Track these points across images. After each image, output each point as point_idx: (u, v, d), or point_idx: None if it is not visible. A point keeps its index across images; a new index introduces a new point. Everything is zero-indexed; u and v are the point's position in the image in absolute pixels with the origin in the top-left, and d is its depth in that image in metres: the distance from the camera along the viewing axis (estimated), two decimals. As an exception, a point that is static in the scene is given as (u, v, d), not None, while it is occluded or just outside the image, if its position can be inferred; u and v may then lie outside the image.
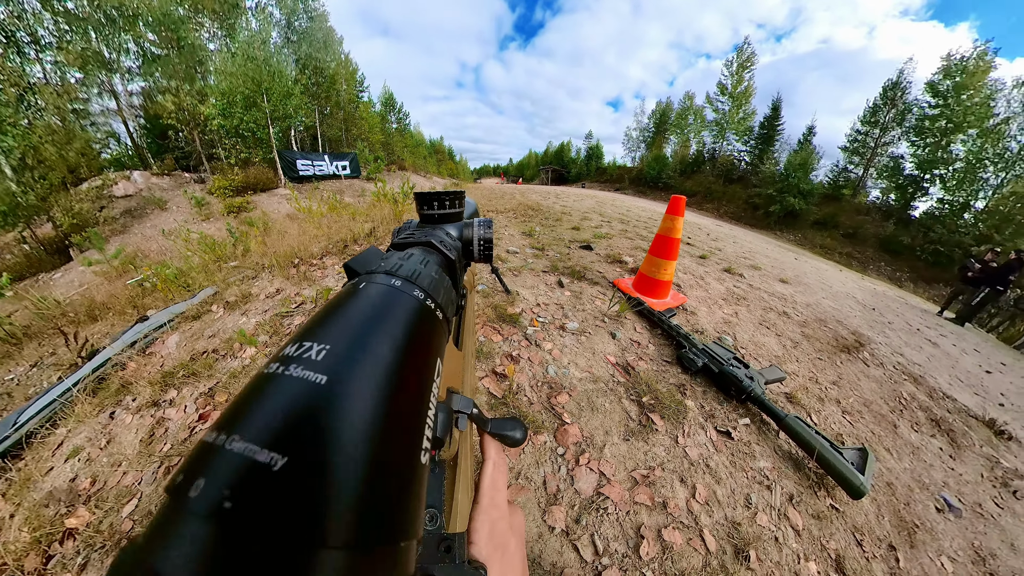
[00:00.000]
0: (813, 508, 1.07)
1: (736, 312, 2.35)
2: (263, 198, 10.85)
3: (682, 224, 2.10)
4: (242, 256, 3.18)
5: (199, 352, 1.64)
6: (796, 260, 6.76)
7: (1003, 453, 2.00)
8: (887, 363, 2.54)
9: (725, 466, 1.12)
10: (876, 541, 1.07)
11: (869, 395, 1.97)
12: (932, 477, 1.53)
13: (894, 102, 18.83)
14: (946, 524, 1.30)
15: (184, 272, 2.73)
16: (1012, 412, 2.70)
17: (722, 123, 26.48)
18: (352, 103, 19.01)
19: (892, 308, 5.15)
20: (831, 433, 1.46)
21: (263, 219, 6.50)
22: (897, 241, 16.00)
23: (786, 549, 0.95)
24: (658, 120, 33.59)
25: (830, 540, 1.01)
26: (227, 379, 1.43)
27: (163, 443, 1.19)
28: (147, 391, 1.38)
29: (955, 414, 2.19)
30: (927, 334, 4.21)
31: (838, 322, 3.01)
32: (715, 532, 0.94)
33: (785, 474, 1.15)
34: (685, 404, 1.29)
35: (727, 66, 25.13)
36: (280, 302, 2.03)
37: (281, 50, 14.10)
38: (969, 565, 1.16)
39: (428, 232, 0.33)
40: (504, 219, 4.36)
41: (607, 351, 1.51)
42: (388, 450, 0.12)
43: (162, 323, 1.91)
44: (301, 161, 12.66)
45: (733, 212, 21.58)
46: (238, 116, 10.92)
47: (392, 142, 23.85)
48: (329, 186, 12.33)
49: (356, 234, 3.29)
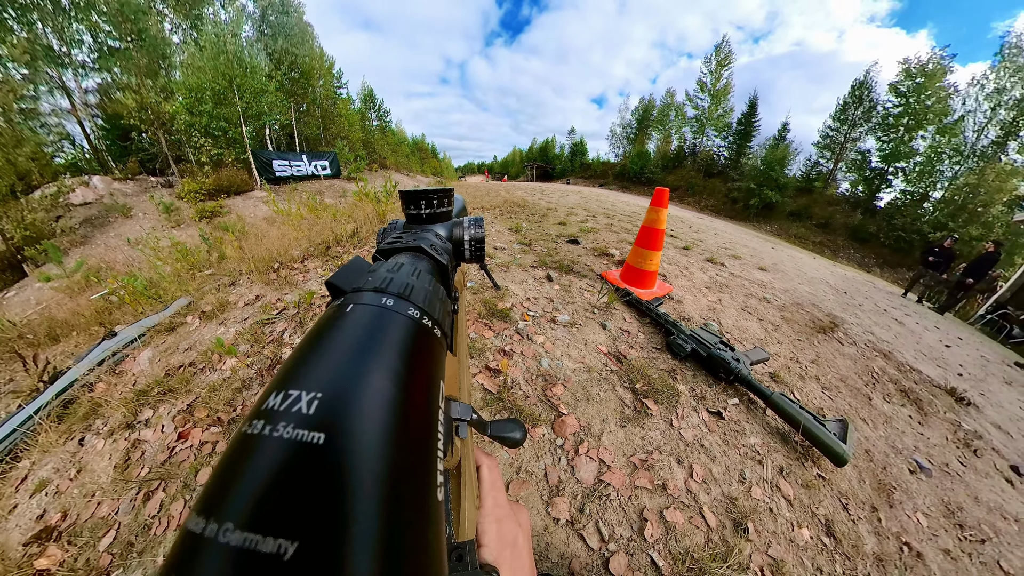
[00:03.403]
0: (802, 478, 1.11)
1: (720, 299, 2.42)
2: (238, 201, 10.21)
3: (666, 215, 2.14)
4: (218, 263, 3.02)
5: (175, 367, 1.54)
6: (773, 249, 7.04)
7: (964, 417, 2.15)
8: (859, 341, 2.68)
9: (718, 445, 1.15)
10: (860, 504, 1.12)
11: (845, 371, 2.08)
12: (904, 442, 1.63)
13: (861, 101, 20.13)
14: (919, 484, 1.39)
15: (155, 283, 2.57)
16: (969, 381, 2.91)
17: (702, 119, 27.44)
18: (330, 100, 18.31)
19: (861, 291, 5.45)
20: (813, 408, 1.52)
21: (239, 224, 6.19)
22: (864, 230, 17.12)
23: (780, 518, 0.98)
24: (641, 117, 34.27)
25: (819, 507, 1.05)
26: (207, 393, 1.35)
27: (140, 468, 1.10)
28: (119, 413, 1.29)
29: (921, 385, 2.34)
30: (893, 314, 4.47)
31: (814, 305, 3.15)
32: (714, 509, 0.96)
33: (774, 448, 1.19)
34: (677, 388, 1.32)
35: (706, 64, 26.07)
36: (261, 309, 1.94)
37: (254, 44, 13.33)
38: (941, 519, 1.25)
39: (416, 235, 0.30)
40: (491, 216, 4.33)
41: (599, 341, 1.53)
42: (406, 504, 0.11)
43: (132, 339, 1.77)
44: (278, 161, 12.06)
45: (713, 205, 22.33)
46: (207, 114, 10.16)
47: (373, 140, 23.22)
48: (308, 187, 11.77)
49: (338, 235, 3.18)
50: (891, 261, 15.30)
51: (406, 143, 33.49)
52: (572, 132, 45.93)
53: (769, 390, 1.31)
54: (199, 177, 10.71)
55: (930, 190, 17.20)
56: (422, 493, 0.12)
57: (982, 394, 2.68)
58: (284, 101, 13.68)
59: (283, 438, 0.10)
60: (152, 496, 1.02)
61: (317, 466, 0.10)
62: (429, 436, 0.14)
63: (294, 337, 1.70)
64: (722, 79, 25.91)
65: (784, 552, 0.92)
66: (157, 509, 0.99)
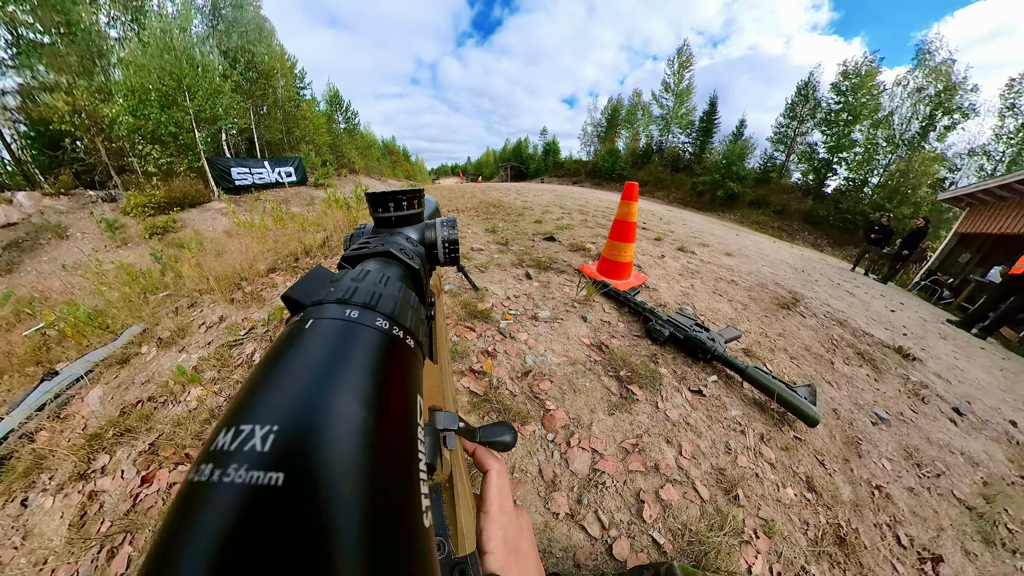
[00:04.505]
0: (781, 442, 1.17)
1: (692, 284, 2.53)
2: (193, 214, 9.17)
3: (636, 208, 2.22)
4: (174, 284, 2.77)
5: (131, 403, 1.40)
6: (737, 236, 7.49)
7: (911, 371, 2.36)
8: (818, 313, 2.89)
9: (703, 421, 1.19)
10: (834, 458, 1.20)
11: (808, 341, 2.23)
12: (864, 398, 1.76)
13: (807, 99, 22.35)
14: (880, 433, 1.51)
15: (101, 311, 2.32)
16: (913, 339, 3.20)
17: (667, 118, 29.14)
18: (292, 101, 17.12)
19: (817, 269, 5.90)
20: (784, 376, 1.62)
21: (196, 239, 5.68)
22: (816, 214, 18.83)
23: (766, 482, 1.03)
24: (610, 116, 35.63)
25: (799, 466, 1.11)
26: (171, 429, 1.23)
27: (100, 522, 0.98)
28: (69, 463, 1.14)
29: (874, 347, 2.55)
30: (845, 287, 4.86)
31: (776, 284, 3.36)
32: (705, 482, 0.99)
33: (754, 418, 1.25)
34: (659, 372, 1.36)
35: (670, 66, 27.74)
36: (226, 331, 1.80)
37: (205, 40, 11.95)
38: (902, 461, 1.37)
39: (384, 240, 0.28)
40: (466, 217, 4.28)
41: (580, 334, 1.54)
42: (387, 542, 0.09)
43: (78, 376, 1.58)
44: (237, 169, 11.00)
45: (681, 198, 23.57)
46: (154, 117, 8.98)
47: (341, 144, 21.98)
48: (272, 195, 10.89)
49: (307, 246, 3.03)
50: (840, 240, 16.84)
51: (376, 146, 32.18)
52: (544, 132, 46.82)
53: (744, 364, 1.37)
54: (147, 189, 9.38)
55: (869, 176, 19.32)
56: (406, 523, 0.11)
57: (923, 349, 2.96)
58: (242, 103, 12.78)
59: (234, 483, 0.09)
60: (117, 552, 0.90)
61: (277, 514, 0.08)
62: (409, 458, 0.12)
63: None
64: (684, 80, 27.71)
65: (773, 512, 0.96)
66: (125, 566, 0.87)
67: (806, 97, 22.41)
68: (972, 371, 2.89)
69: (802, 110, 22.75)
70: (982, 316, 4.46)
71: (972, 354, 3.42)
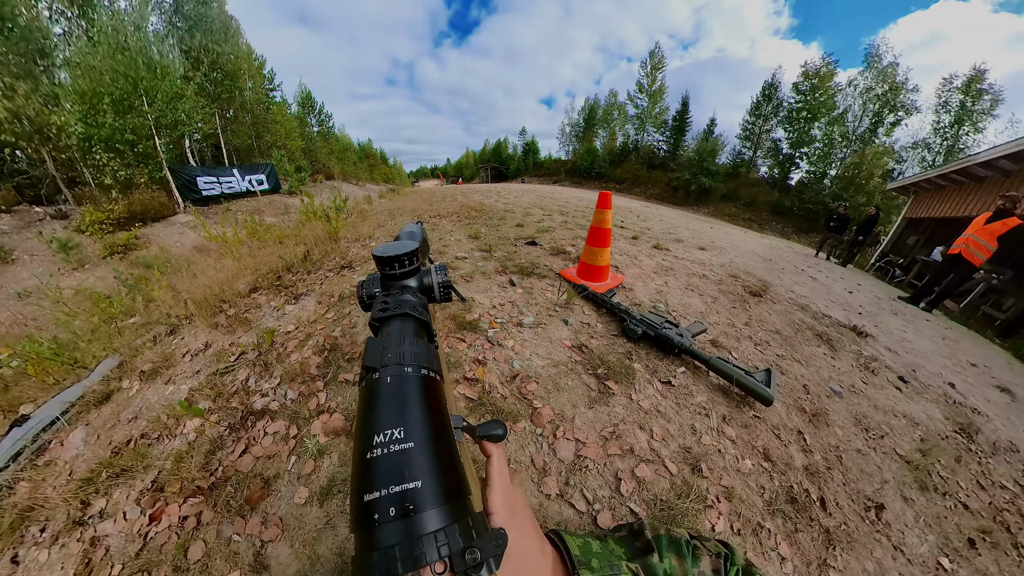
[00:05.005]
0: (741, 421, 1.33)
1: (666, 282, 2.71)
2: (157, 229, 8.35)
3: (611, 215, 2.37)
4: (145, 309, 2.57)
5: (122, 443, 1.33)
6: (711, 229, 7.85)
7: (864, 347, 2.60)
8: (784, 299, 3.12)
9: (672, 407, 1.33)
10: (789, 431, 1.36)
11: (774, 326, 2.43)
12: (822, 375, 1.96)
13: (771, 99, 24.05)
14: (835, 405, 1.70)
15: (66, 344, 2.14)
16: (867, 317, 3.50)
17: (642, 117, 30.43)
18: (261, 104, 16.17)
19: (784, 256, 6.27)
20: (747, 361, 1.79)
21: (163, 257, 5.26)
22: (782, 205, 20.13)
23: (727, 456, 1.17)
24: (587, 116, 36.56)
25: (757, 440, 1.27)
26: (173, 465, 1.19)
27: (109, 567, 0.94)
28: (61, 511, 1.08)
29: (832, 327, 2.79)
30: (809, 272, 5.21)
31: (747, 274, 3.60)
32: (674, 459, 1.13)
33: (718, 402, 1.40)
34: (633, 367, 1.50)
35: (643, 67, 29.06)
36: (214, 358, 1.73)
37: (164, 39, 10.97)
38: (851, 428, 1.56)
39: (400, 301, 0.38)
40: (449, 223, 4.29)
41: (562, 337, 1.67)
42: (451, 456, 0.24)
43: (52, 419, 1.47)
44: (204, 178, 10.35)
45: (657, 194, 24.43)
46: (108, 124, 8.14)
47: (315, 148, 21.12)
48: (244, 205, 10.27)
49: (288, 261, 2.90)
50: (804, 228, 18.01)
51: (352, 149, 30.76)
52: (523, 132, 47.43)
53: (708, 355, 1.53)
54: (105, 203, 8.36)
55: (827, 169, 20.99)
56: (454, 451, 0.25)
57: (876, 326, 3.25)
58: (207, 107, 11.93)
59: (398, 450, 0.22)
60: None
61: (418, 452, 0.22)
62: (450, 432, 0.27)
63: (261, 383, 1.55)
64: (657, 81, 29.11)
65: (733, 480, 1.10)
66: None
67: (769, 97, 24.07)
68: (918, 342, 3.19)
69: (766, 109, 24.42)
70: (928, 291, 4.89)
71: (919, 327, 3.76)
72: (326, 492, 1.03)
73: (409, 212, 5.38)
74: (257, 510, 1.01)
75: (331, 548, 0.91)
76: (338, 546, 0.91)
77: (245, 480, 1.09)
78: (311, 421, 1.26)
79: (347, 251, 3.14)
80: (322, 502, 1.01)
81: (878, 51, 19.74)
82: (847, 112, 20.90)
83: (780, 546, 0.97)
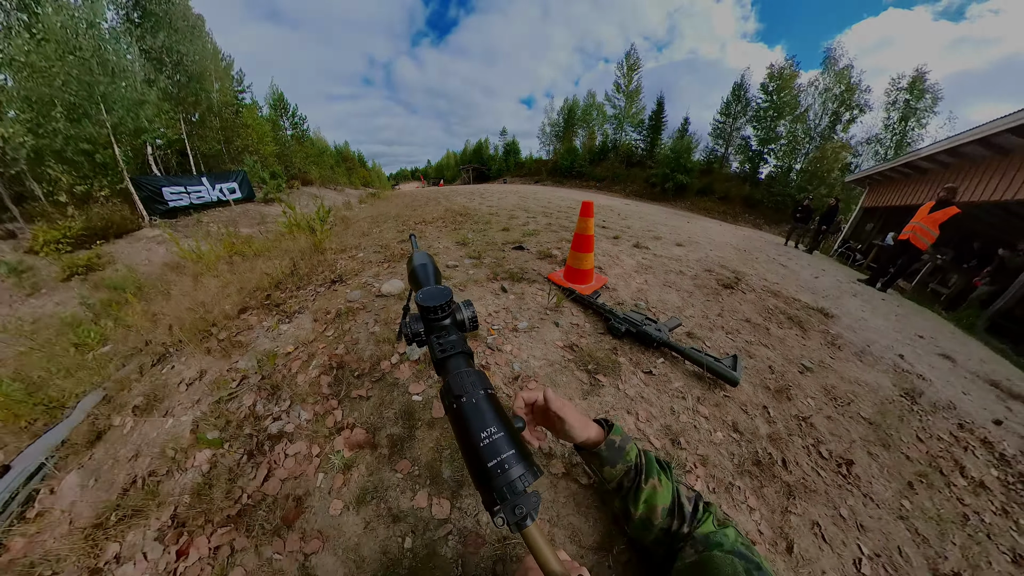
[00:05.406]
0: (713, 401, 1.52)
1: (646, 280, 2.93)
2: (121, 246, 7.58)
3: (593, 223, 2.53)
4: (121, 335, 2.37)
5: (127, 483, 1.25)
6: (688, 224, 8.23)
7: (830, 326, 2.88)
8: (756, 287, 3.39)
9: (654, 393, 1.51)
10: (755, 407, 1.57)
11: (748, 313, 2.67)
12: (794, 353, 2.19)
13: (740, 98, 25.64)
14: (805, 379, 1.93)
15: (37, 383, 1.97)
16: (831, 299, 3.82)
17: (620, 117, 31.49)
18: (230, 107, 15.27)
19: (756, 246, 6.67)
20: (720, 349, 2.01)
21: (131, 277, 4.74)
22: (753, 198, 21.45)
23: (702, 430, 1.36)
24: (567, 116, 37.39)
25: (727, 415, 1.46)
26: (192, 499, 1.13)
27: None
28: (70, 562, 1.01)
29: (801, 310, 3.06)
30: (779, 260, 5.59)
31: (721, 266, 3.85)
32: (657, 436, 1.30)
33: (693, 386, 1.60)
34: (619, 361, 1.68)
35: (620, 68, 30.14)
36: (214, 385, 1.66)
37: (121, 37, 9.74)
38: (822, 397, 1.78)
39: (451, 342, 0.57)
40: (434, 230, 4.29)
41: (555, 338, 1.83)
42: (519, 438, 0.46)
43: (39, 465, 1.35)
44: (170, 188, 9.54)
45: (636, 191, 25.29)
46: (61, 133, 7.39)
47: (290, 153, 19.93)
48: (216, 216, 9.68)
49: (275, 277, 2.76)
50: (774, 219, 19.15)
51: (328, 153, 29.36)
52: (504, 132, 48.05)
53: (684, 346, 1.73)
54: (60, 220, 7.59)
55: (793, 164, 22.82)
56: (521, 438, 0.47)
57: (839, 307, 3.56)
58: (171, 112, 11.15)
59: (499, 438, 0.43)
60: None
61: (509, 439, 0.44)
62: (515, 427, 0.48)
63: (271, 407, 1.52)
64: (634, 81, 30.23)
65: (707, 450, 1.29)
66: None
67: (739, 96, 25.62)
68: (874, 319, 3.52)
69: (736, 108, 25.97)
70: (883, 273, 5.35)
71: (875, 306, 4.13)
72: (360, 500, 1.08)
73: (393, 219, 5.31)
74: (294, 528, 1.02)
75: (374, 548, 0.96)
76: (380, 546, 0.97)
77: (276, 503, 1.09)
78: (332, 438, 1.28)
79: (335, 263, 3.05)
80: (358, 510, 1.05)
81: (835, 54, 21.47)
82: (809, 110, 22.71)
83: (748, 499, 1.16)
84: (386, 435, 1.27)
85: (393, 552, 0.95)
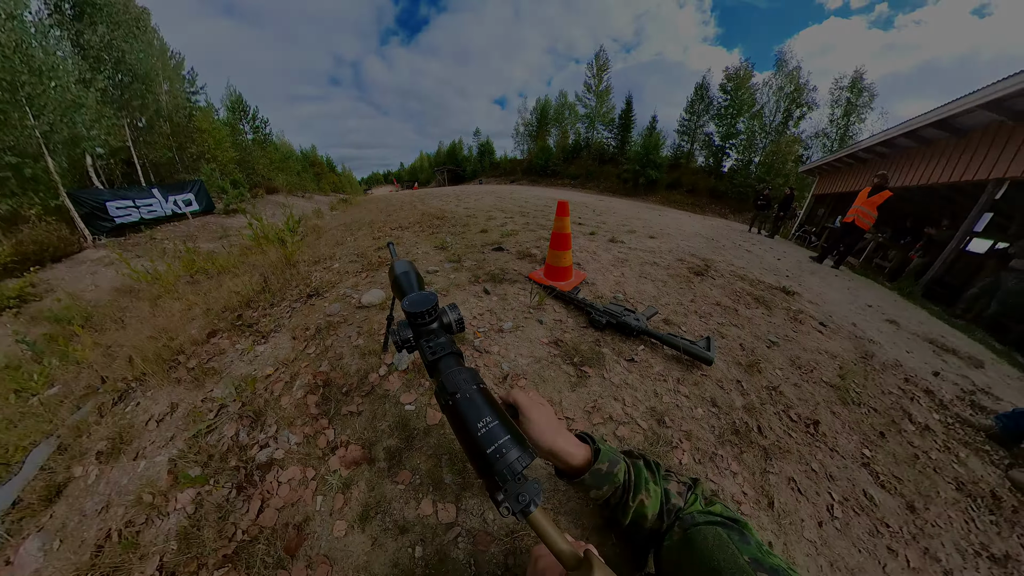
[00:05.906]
0: (691, 380, 1.62)
1: (623, 273, 3.05)
2: (61, 271, 6.58)
3: (569, 221, 2.56)
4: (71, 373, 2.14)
5: (101, 539, 1.13)
6: (660, 216, 8.59)
7: (792, 303, 3.09)
8: (725, 273, 3.59)
9: (637, 379, 1.59)
10: (730, 382, 1.68)
11: (718, 298, 2.83)
12: (762, 331, 2.35)
13: (702, 97, 27.59)
14: (773, 353, 2.07)
15: None
16: (793, 279, 4.11)
17: (591, 116, 32.72)
18: (182, 110, 13.91)
19: (723, 235, 7.06)
20: (694, 332, 2.13)
21: (76, 306, 4.09)
22: (718, 189, 23.22)
23: (684, 408, 1.45)
24: (540, 115, 38.22)
25: (705, 393, 1.56)
26: (180, 544, 1.05)
27: None
28: None
29: (766, 291, 3.28)
30: (745, 246, 5.94)
31: (692, 255, 4.06)
32: (644, 418, 1.37)
33: (672, 368, 1.69)
34: (602, 352, 1.75)
35: (590, 69, 31.31)
36: (189, 419, 1.51)
37: (49, 32, 8.24)
38: (789, 367, 1.93)
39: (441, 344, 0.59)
40: (412, 235, 4.20)
41: (540, 336, 1.87)
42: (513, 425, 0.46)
43: None
44: (116, 203, 8.35)
45: (609, 187, 26.28)
46: None
47: (252, 159, 18.42)
48: (172, 231, 8.67)
49: (245, 295, 2.55)
50: (738, 208, 20.72)
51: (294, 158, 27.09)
52: (478, 133, 47.93)
53: (661, 333, 1.82)
54: None
55: (752, 157, 24.66)
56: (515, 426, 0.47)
57: (799, 285, 3.85)
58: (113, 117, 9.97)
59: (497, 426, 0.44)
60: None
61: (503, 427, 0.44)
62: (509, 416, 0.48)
63: (256, 434, 1.41)
64: (604, 82, 31.54)
65: (690, 425, 1.37)
66: None
67: (702, 96, 27.58)
68: (830, 293, 3.83)
69: (699, 107, 27.88)
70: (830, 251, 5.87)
71: (831, 282, 4.48)
72: (364, 517, 1.05)
73: (367, 225, 5.12)
74: (298, 556, 0.98)
75: (385, 563, 0.94)
76: (391, 559, 0.95)
77: (275, 534, 1.05)
78: (327, 459, 1.23)
79: (309, 276, 2.92)
80: (363, 527, 1.02)
81: (785, 57, 23.83)
82: (764, 108, 24.97)
83: (731, 465, 1.25)
84: (383, 448, 1.25)
85: (405, 564, 0.94)
